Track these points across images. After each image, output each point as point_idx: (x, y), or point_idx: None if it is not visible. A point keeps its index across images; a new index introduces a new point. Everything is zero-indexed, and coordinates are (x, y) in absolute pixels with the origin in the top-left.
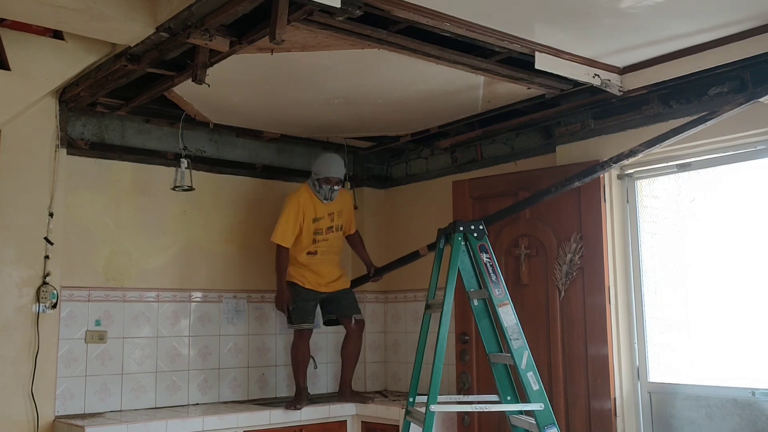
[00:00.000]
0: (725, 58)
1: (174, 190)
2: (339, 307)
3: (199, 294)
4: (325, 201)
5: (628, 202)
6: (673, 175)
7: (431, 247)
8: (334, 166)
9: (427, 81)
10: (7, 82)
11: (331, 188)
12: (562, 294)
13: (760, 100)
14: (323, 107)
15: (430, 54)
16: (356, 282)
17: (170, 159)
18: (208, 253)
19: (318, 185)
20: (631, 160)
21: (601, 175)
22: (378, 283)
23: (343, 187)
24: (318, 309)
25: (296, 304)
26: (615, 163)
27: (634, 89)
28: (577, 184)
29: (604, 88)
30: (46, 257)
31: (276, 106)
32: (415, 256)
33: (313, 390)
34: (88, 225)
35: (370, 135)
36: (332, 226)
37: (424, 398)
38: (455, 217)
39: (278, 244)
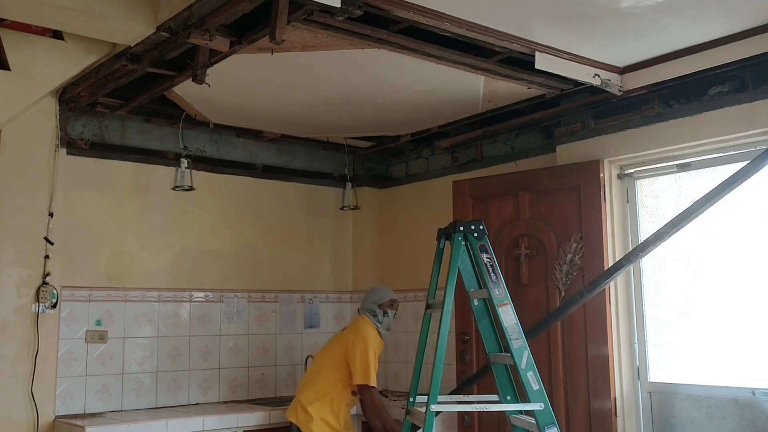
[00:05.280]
0: (725, 58)
1: (174, 190)
2: None
3: (200, 294)
4: (386, 332)
5: (628, 202)
6: (673, 175)
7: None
8: (390, 290)
9: (427, 81)
10: (7, 82)
11: (395, 313)
12: (563, 294)
13: None
14: (323, 107)
15: (431, 54)
16: None
17: (170, 159)
18: (208, 253)
19: (381, 314)
20: (655, 246)
21: (602, 176)
22: (378, 283)
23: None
24: None
25: None
26: (641, 252)
27: (634, 89)
28: (603, 284)
29: (604, 88)
30: (46, 257)
31: (276, 106)
32: None
33: None
34: (88, 225)
35: (370, 135)
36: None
37: (424, 398)
38: (455, 217)
39: (371, 387)
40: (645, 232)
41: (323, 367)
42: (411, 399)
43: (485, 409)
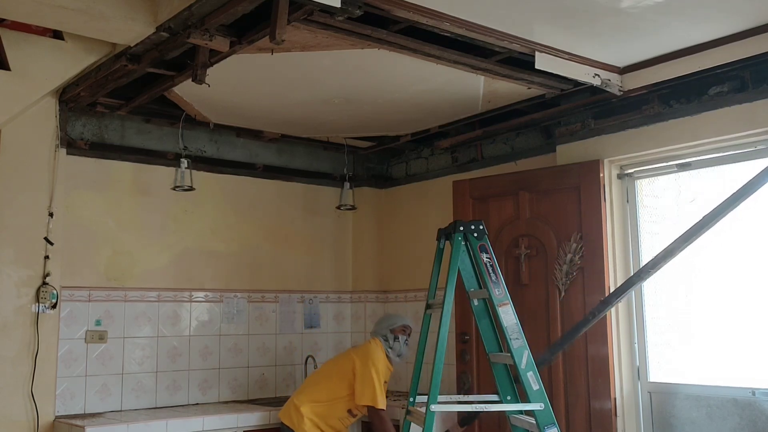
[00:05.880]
0: (725, 58)
1: (174, 190)
2: None
3: (199, 294)
4: (397, 359)
5: (628, 201)
6: (673, 174)
7: (463, 423)
8: (405, 317)
9: (427, 81)
10: (7, 82)
11: (407, 339)
12: (563, 294)
13: None
14: (323, 107)
15: (430, 54)
16: None
17: (170, 159)
18: (208, 253)
19: (392, 339)
20: (667, 261)
21: (602, 176)
22: (379, 283)
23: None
24: None
25: None
26: (653, 268)
27: (634, 89)
28: (615, 302)
29: (604, 88)
30: (46, 257)
31: (276, 106)
32: None
33: None
34: (88, 225)
35: (370, 135)
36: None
37: (424, 398)
38: (455, 217)
39: (379, 410)
40: (645, 232)
41: (326, 378)
42: (411, 399)
43: (485, 409)
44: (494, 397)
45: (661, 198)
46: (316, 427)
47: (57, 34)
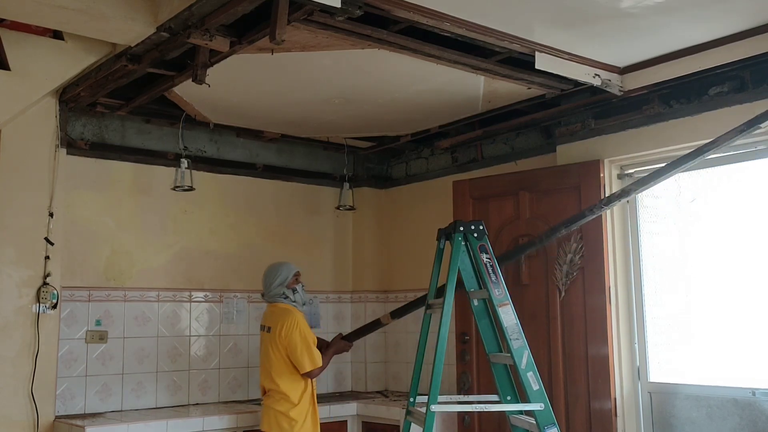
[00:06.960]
0: (725, 58)
1: (174, 190)
2: None
3: (199, 294)
4: (304, 308)
5: (628, 201)
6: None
7: (394, 314)
8: (288, 262)
9: (427, 81)
10: (7, 82)
11: (303, 285)
12: (563, 294)
13: (761, 126)
14: (323, 107)
15: (431, 54)
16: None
17: (170, 159)
18: (208, 253)
19: (293, 293)
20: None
21: (602, 176)
22: (379, 283)
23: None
24: None
25: None
26: (606, 205)
27: (634, 89)
28: (563, 231)
29: (605, 88)
30: (47, 257)
31: (276, 106)
32: (377, 324)
33: None
34: (88, 225)
35: (370, 135)
36: None
37: (424, 398)
38: (455, 217)
39: (313, 369)
40: (645, 232)
41: (276, 374)
42: (411, 399)
43: (485, 409)
44: (494, 397)
45: (661, 198)
46: (309, 417)
47: (57, 34)
